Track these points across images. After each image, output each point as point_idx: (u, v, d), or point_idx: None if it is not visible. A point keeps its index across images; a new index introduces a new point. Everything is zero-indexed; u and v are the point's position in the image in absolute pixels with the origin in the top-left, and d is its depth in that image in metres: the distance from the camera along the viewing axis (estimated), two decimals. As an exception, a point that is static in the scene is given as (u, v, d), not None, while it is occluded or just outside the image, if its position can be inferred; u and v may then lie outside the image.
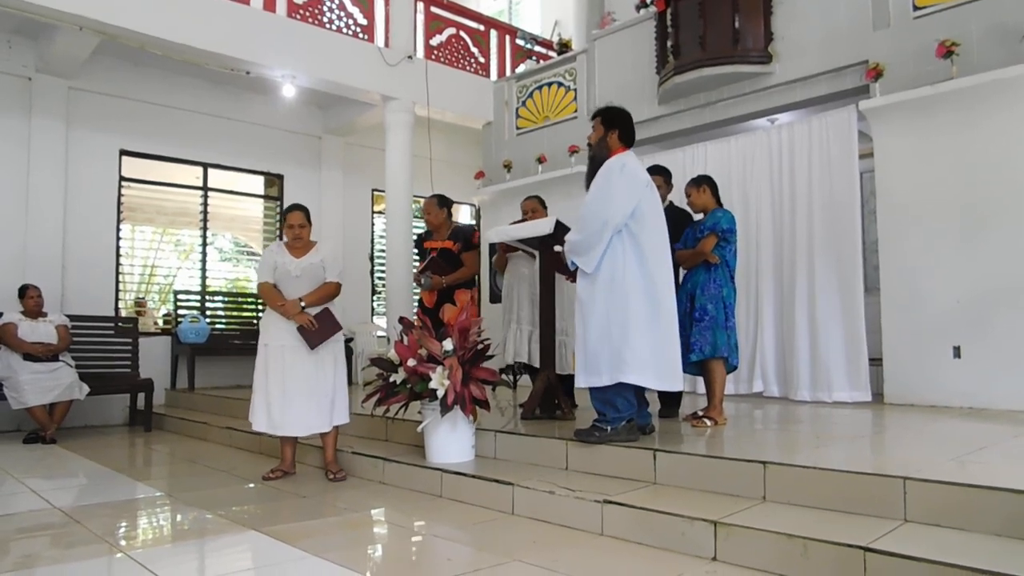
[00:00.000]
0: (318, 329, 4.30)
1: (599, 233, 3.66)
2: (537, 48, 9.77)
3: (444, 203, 5.47)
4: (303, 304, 4.31)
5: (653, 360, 3.65)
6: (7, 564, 2.84)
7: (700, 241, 4.43)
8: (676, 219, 4.61)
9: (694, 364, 4.39)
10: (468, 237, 5.35)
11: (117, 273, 7.76)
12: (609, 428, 3.68)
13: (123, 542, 3.21)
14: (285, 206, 8.86)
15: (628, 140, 3.91)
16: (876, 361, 5.69)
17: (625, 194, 3.67)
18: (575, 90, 8.29)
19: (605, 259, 3.69)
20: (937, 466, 2.99)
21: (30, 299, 6.32)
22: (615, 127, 3.88)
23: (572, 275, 3.97)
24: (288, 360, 4.31)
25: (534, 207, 5.25)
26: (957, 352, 5.16)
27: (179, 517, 3.73)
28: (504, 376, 5.01)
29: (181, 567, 2.90)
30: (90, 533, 3.25)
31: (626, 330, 3.61)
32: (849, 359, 5.68)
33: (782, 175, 6.22)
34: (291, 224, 4.44)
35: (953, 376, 5.15)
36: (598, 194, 3.72)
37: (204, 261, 8.52)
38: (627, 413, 3.71)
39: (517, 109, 8.91)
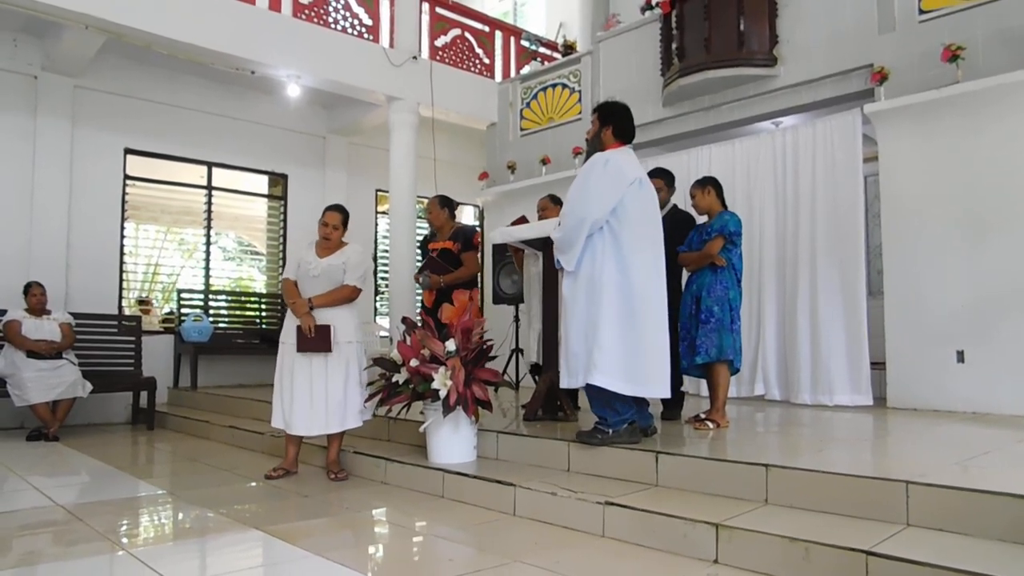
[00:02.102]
0: (312, 338, 4.26)
1: (576, 230, 3.60)
2: (542, 49, 9.77)
3: (446, 203, 5.49)
4: (311, 304, 4.32)
5: (625, 363, 3.54)
6: (10, 561, 2.85)
7: (707, 243, 4.42)
8: (679, 223, 4.61)
9: (699, 366, 4.38)
10: (468, 238, 5.37)
11: (121, 271, 7.77)
12: (611, 431, 3.67)
13: (125, 540, 3.21)
14: (288, 205, 8.96)
15: (624, 136, 3.83)
16: (879, 365, 5.68)
17: (605, 191, 3.58)
18: (579, 92, 8.29)
19: (585, 257, 3.63)
20: (940, 470, 2.99)
21: (33, 296, 6.33)
22: (610, 123, 3.81)
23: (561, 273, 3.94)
24: (297, 359, 4.33)
25: (545, 205, 5.25)
26: (961, 356, 5.15)
27: (181, 515, 3.74)
28: (532, 376, 5.01)
29: (183, 565, 2.90)
30: (92, 531, 3.26)
31: (597, 330, 3.53)
32: (851, 363, 5.66)
33: (786, 178, 6.21)
34: (326, 223, 4.44)
35: (957, 381, 5.14)
36: (577, 191, 3.67)
37: (208, 260, 8.52)
38: (628, 415, 3.68)
39: (521, 110, 8.92)
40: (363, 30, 8.03)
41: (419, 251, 5.69)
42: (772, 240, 6.28)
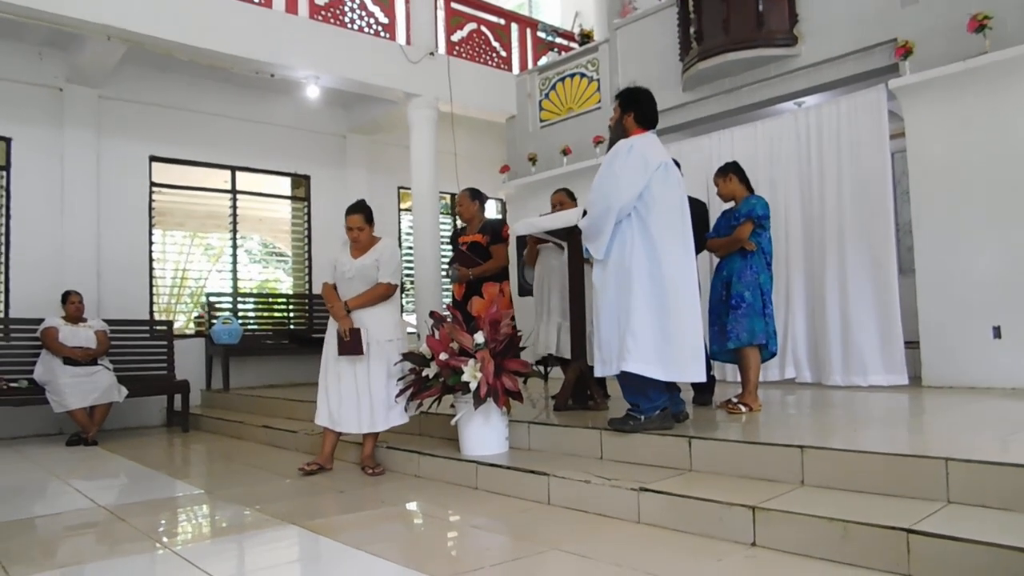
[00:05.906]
0: (348, 342, 4.30)
1: (604, 218, 3.59)
2: (558, 40, 9.74)
3: (476, 196, 5.52)
4: (348, 307, 4.36)
5: (659, 349, 3.52)
6: (59, 560, 2.92)
7: (736, 228, 4.38)
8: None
9: (730, 351, 4.35)
10: (497, 230, 5.39)
11: (151, 277, 7.90)
12: (643, 417, 3.65)
13: (166, 538, 3.27)
14: (311, 206, 9.02)
15: (646, 122, 3.80)
16: (913, 344, 5.60)
17: (630, 177, 3.56)
18: (598, 80, 8.25)
19: (614, 245, 3.61)
20: (980, 447, 2.94)
21: (71, 304, 6.47)
22: (631, 109, 3.79)
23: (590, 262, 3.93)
24: (341, 360, 4.38)
25: (562, 199, 5.25)
26: (997, 332, 5.05)
27: (219, 514, 3.80)
28: (536, 368, 5.02)
29: (225, 562, 2.95)
30: (135, 530, 3.32)
31: (629, 317, 3.52)
32: (883, 342, 5.58)
33: (810, 158, 6.13)
34: (349, 227, 4.46)
35: (994, 356, 5.05)
36: (602, 178, 3.65)
37: (235, 263, 8.63)
38: (660, 402, 3.67)
39: (540, 102, 8.89)
40: (379, 28, 8.05)
41: (450, 245, 5.71)
42: (799, 221, 6.20)
